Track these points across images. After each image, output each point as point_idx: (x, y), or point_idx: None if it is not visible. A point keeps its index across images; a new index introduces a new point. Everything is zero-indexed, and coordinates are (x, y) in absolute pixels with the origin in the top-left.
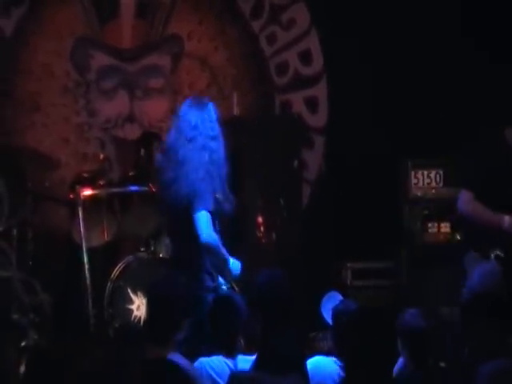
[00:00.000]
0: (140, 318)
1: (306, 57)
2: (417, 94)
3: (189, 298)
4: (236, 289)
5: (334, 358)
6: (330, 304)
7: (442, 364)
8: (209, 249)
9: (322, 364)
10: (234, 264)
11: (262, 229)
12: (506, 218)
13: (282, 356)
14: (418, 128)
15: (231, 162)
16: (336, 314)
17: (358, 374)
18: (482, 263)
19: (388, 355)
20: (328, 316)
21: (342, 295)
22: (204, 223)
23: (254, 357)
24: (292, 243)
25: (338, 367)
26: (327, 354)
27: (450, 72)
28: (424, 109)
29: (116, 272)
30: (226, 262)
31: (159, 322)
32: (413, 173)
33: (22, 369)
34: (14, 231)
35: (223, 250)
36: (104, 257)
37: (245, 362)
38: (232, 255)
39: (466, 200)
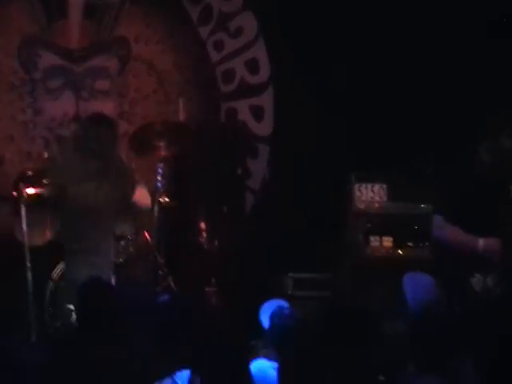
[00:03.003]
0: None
1: (252, 65)
2: (363, 105)
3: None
4: None
5: (273, 364)
6: (269, 310)
7: (382, 378)
8: None
9: (263, 368)
10: None
11: (204, 235)
12: (481, 241)
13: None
14: (363, 141)
15: (175, 168)
16: (271, 317)
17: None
18: (413, 277)
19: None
20: (266, 323)
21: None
22: None
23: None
24: (234, 250)
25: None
26: (268, 359)
27: (396, 83)
28: (370, 121)
29: (57, 272)
30: None
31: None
32: (357, 186)
33: None
34: None
35: None
36: (46, 256)
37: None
38: (175, 259)
39: (439, 225)
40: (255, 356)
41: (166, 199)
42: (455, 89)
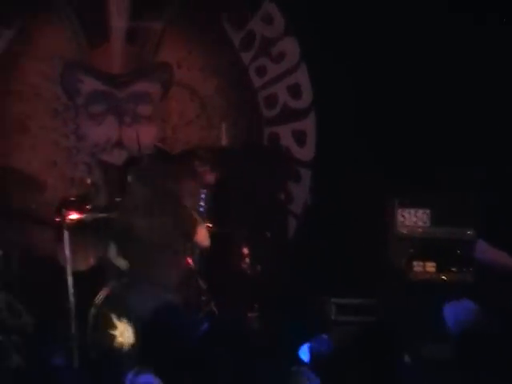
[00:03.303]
0: (123, 343)
1: (295, 90)
2: (406, 130)
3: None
4: None
5: None
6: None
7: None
8: None
9: None
10: None
11: (247, 260)
12: None
13: None
14: (407, 166)
15: (218, 193)
16: (313, 347)
17: None
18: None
19: None
20: (306, 357)
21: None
22: None
23: None
24: (277, 276)
25: None
26: None
27: (439, 107)
28: (413, 147)
29: (100, 297)
30: None
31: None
32: (399, 211)
33: None
34: (0, 253)
35: None
36: (89, 281)
37: None
38: (217, 285)
39: (482, 249)
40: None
41: (209, 224)
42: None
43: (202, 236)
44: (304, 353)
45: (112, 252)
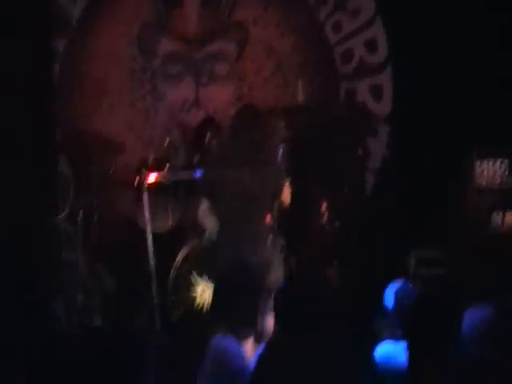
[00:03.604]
0: (203, 304)
1: (371, 45)
2: (483, 82)
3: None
4: None
5: (401, 345)
6: (393, 291)
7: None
8: None
9: (391, 351)
10: None
11: (326, 216)
12: None
13: None
14: (484, 117)
15: (296, 150)
16: (398, 297)
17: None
18: None
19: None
20: (391, 303)
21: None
22: None
23: None
24: (355, 231)
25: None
26: (394, 340)
27: None
28: (490, 97)
29: (179, 259)
30: None
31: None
32: (478, 163)
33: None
34: (80, 215)
35: None
36: (168, 242)
37: None
38: (296, 241)
39: None
40: (381, 338)
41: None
42: None
43: (286, 194)
44: (389, 298)
45: (203, 210)
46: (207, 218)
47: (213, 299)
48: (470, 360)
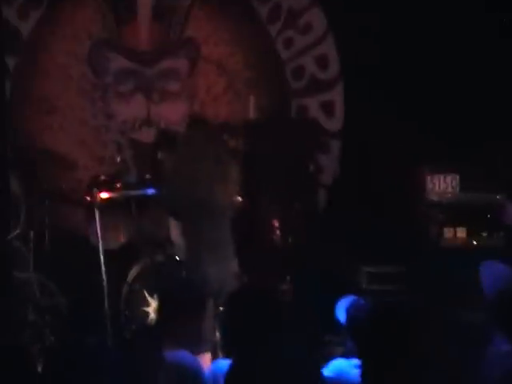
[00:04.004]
0: (156, 320)
1: (322, 61)
2: (434, 98)
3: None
4: None
5: (353, 361)
6: (344, 305)
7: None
8: None
9: (342, 368)
10: None
11: (278, 232)
12: None
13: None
14: (435, 132)
15: (248, 166)
16: (350, 312)
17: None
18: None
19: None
20: (343, 318)
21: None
22: None
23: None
24: (308, 247)
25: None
26: (346, 357)
27: (470, 76)
28: (441, 113)
29: (132, 274)
30: None
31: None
32: (429, 177)
33: (39, 369)
34: (32, 233)
35: None
36: (121, 259)
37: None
38: (248, 258)
39: None
40: (332, 355)
41: (239, 197)
42: None
43: (240, 209)
44: (341, 313)
45: (173, 227)
46: (178, 236)
47: (160, 315)
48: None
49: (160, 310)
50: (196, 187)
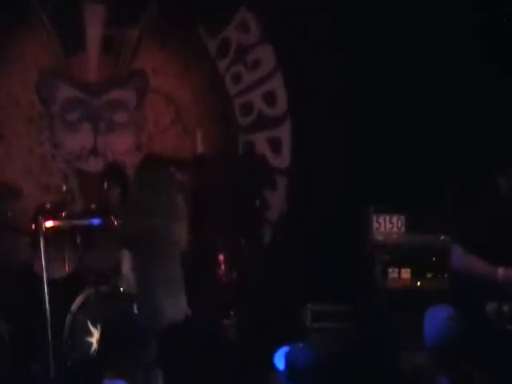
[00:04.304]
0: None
1: (270, 98)
2: (381, 136)
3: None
4: None
5: None
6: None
7: None
8: None
9: None
10: None
11: (223, 267)
12: (500, 270)
13: None
14: (383, 172)
15: (193, 200)
16: (286, 357)
17: None
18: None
19: None
20: (281, 365)
21: (300, 338)
22: None
23: None
24: (253, 282)
25: None
26: None
27: (413, 112)
28: (386, 154)
29: (76, 304)
30: None
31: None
32: (375, 217)
33: None
34: None
35: None
36: (65, 289)
37: None
38: (192, 292)
39: (458, 256)
40: None
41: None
42: (474, 118)
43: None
44: (279, 360)
45: (126, 262)
46: (129, 268)
47: (101, 346)
48: None
49: (101, 341)
50: (151, 219)
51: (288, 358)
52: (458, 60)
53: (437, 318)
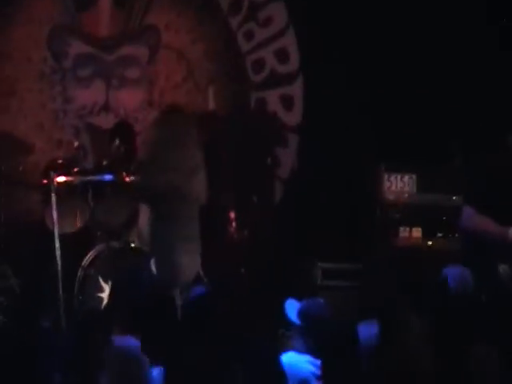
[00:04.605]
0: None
1: (282, 55)
2: (393, 94)
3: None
4: None
5: (305, 357)
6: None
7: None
8: None
9: (294, 362)
10: None
11: (233, 225)
12: (510, 231)
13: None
14: (393, 131)
15: (207, 157)
16: (302, 313)
17: (334, 371)
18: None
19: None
20: (294, 316)
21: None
22: None
23: None
24: (264, 240)
25: (310, 365)
26: (298, 351)
27: (425, 71)
28: (400, 111)
29: (87, 260)
30: None
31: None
32: (386, 176)
33: None
34: None
35: None
36: (76, 244)
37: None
38: (204, 249)
39: (468, 216)
40: (285, 348)
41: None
42: (484, 77)
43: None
44: (292, 313)
45: (144, 217)
46: (145, 223)
47: (111, 301)
48: None
49: (111, 297)
50: (171, 174)
51: (302, 310)
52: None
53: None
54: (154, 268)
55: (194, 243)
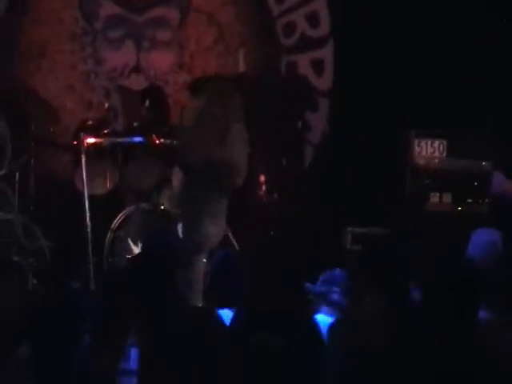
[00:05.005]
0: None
1: (313, 19)
2: (424, 62)
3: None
4: None
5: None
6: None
7: None
8: None
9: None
10: None
11: (263, 188)
12: None
13: None
14: (424, 97)
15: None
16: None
17: None
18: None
19: None
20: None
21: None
22: None
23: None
24: (293, 204)
25: None
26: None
27: (459, 42)
28: (431, 78)
29: (117, 222)
30: None
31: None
32: (416, 141)
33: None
34: (17, 175)
35: None
36: (105, 206)
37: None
38: (234, 212)
39: (499, 182)
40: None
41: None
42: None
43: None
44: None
45: (175, 180)
46: (177, 187)
47: (140, 265)
48: None
49: (141, 259)
50: (224, 146)
51: (324, 281)
52: None
53: (482, 240)
54: (179, 233)
55: (222, 211)
